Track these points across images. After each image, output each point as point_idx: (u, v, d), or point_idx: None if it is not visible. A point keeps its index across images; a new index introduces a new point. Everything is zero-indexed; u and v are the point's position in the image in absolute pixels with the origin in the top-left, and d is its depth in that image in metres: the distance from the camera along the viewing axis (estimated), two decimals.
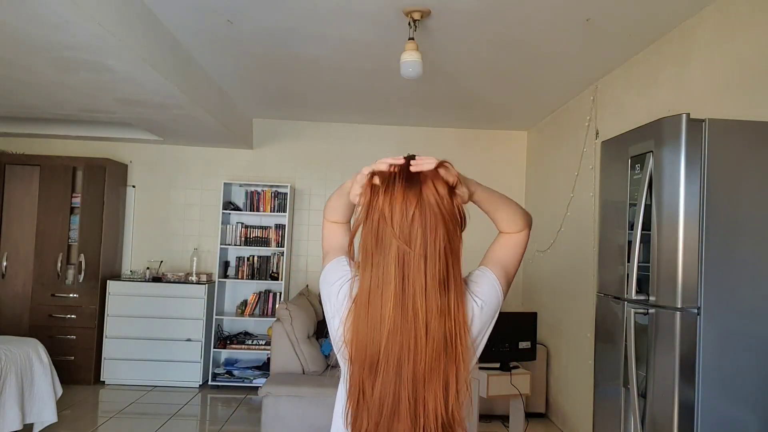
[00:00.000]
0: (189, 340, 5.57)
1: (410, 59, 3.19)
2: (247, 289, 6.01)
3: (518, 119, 5.68)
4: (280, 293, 5.81)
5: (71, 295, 5.48)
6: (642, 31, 3.34)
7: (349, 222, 1.34)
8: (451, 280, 1.12)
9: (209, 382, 5.64)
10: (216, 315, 5.76)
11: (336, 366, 1.51)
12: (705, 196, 2.06)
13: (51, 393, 3.93)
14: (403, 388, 1.10)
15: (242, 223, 5.90)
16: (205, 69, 4.37)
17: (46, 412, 3.89)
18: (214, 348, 5.69)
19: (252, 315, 5.81)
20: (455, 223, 1.15)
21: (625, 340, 2.31)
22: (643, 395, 2.23)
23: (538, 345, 4.67)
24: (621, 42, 3.51)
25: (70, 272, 5.52)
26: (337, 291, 1.22)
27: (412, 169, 1.15)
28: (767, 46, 2.51)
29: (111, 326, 5.51)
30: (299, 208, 6.10)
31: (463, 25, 3.33)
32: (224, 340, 5.77)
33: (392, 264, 1.10)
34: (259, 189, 5.91)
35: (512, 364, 3.85)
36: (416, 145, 5.93)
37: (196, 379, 5.56)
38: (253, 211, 5.89)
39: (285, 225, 5.86)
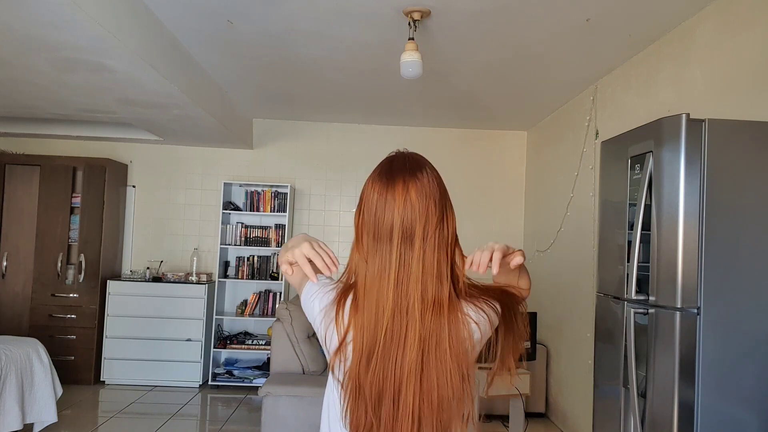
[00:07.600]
0: (189, 340, 5.57)
1: (410, 59, 3.19)
2: (247, 289, 6.02)
3: (518, 119, 5.68)
4: (280, 293, 5.81)
5: (71, 295, 5.48)
6: (642, 31, 3.34)
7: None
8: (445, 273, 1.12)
9: (209, 382, 5.64)
10: (216, 315, 5.76)
11: None
12: (705, 196, 2.06)
13: (51, 393, 3.93)
14: (398, 379, 1.08)
15: (242, 223, 5.90)
16: (205, 69, 4.37)
17: (46, 412, 3.89)
18: (214, 348, 5.69)
19: (252, 315, 5.81)
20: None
21: (625, 340, 2.31)
22: (642, 395, 2.23)
23: (538, 345, 4.68)
24: (621, 42, 3.51)
25: (70, 272, 5.52)
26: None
27: (474, 269, 1.15)
28: (767, 46, 2.51)
29: (111, 326, 5.52)
30: (299, 208, 6.10)
31: (463, 25, 3.33)
32: (224, 340, 5.77)
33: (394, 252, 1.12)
34: (259, 189, 5.91)
35: None
36: (416, 146, 5.87)
37: (196, 379, 5.57)
38: (253, 211, 5.89)
39: (285, 225, 5.86)
